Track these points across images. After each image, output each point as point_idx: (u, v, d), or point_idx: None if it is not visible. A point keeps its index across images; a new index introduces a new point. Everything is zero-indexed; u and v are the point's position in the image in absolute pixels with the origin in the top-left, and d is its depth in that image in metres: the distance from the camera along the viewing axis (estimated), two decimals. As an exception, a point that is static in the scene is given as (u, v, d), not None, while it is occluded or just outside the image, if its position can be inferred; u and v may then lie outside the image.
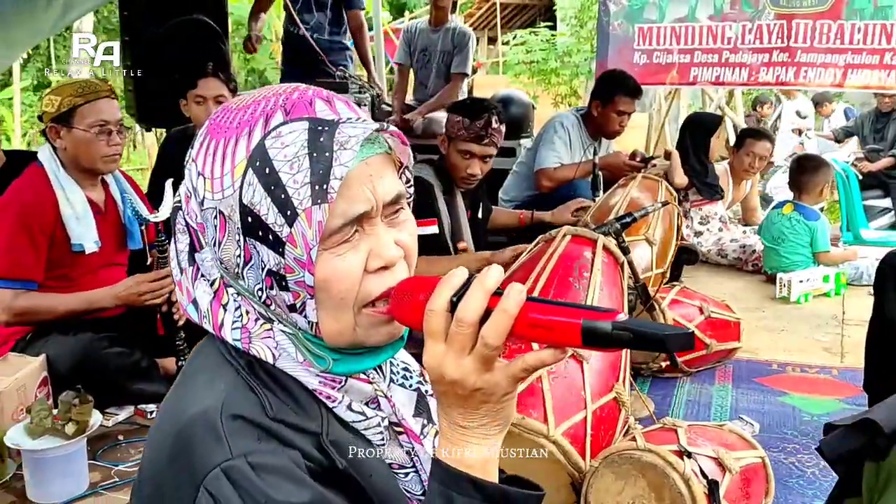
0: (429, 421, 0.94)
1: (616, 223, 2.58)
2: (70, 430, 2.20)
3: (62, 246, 2.71)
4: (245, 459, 0.75)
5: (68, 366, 2.60)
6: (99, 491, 2.25)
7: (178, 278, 0.89)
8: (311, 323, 0.82)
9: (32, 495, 2.21)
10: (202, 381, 0.83)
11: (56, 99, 2.71)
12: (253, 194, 0.78)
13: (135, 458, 2.46)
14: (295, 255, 0.78)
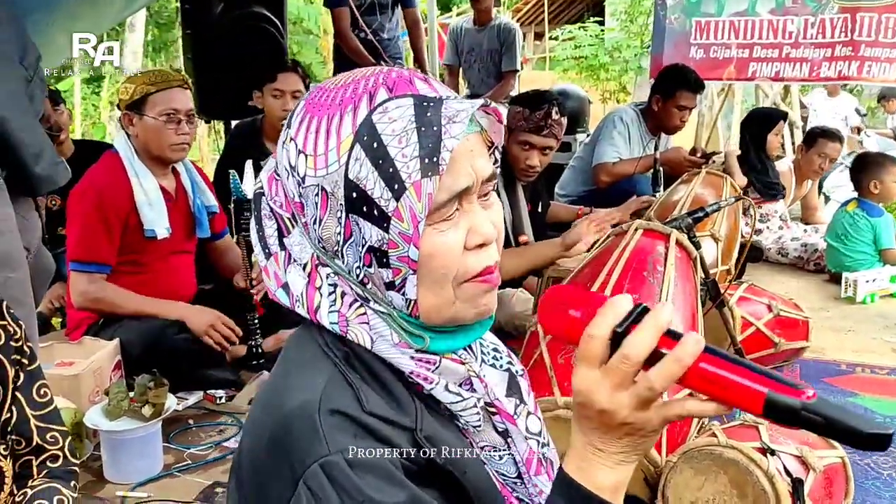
0: (521, 401, 0.94)
1: (688, 218, 2.55)
2: (147, 413, 2.24)
3: (135, 231, 2.77)
4: (342, 456, 0.74)
5: (139, 350, 2.66)
6: (173, 473, 2.29)
7: (263, 264, 0.89)
8: (408, 300, 0.82)
9: (109, 475, 2.26)
10: (301, 374, 0.83)
11: (130, 87, 2.78)
12: (360, 169, 0.78)
13: (205, 441, 2.50)
14: (400, 229, 0.78)
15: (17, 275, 1.93)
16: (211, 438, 2.52)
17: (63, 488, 1.57)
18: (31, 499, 1.51)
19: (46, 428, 1.59)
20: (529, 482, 0.91)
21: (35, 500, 1.50)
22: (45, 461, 1.58)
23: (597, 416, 0.75)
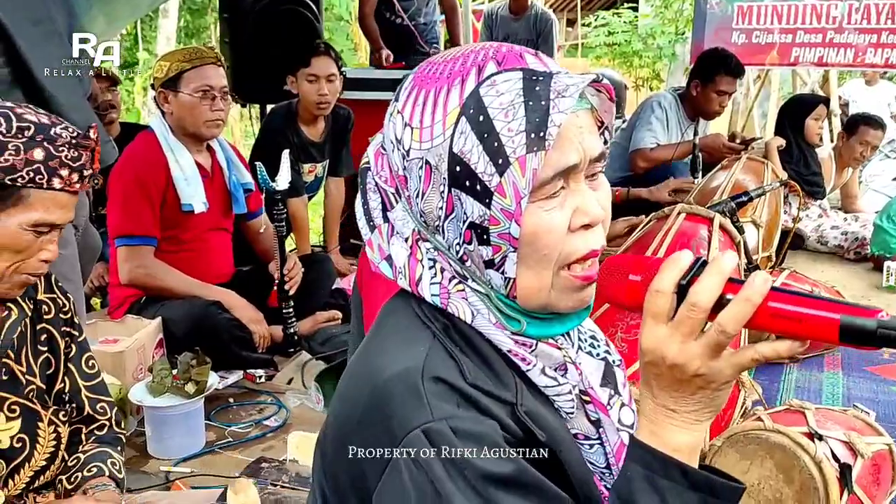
0: (615, 392, 0.92)
1: (731, 202, 2.52)
2: (190, 390, 2.27)
3: (173, 206, 2.81)
4: (447, 423, 0.74)
5: (182, 328, 2.69)
6: (215, 449, 2.32)
7: (367, 236, 0.89)
8: (507, 280, 0.81)
9: (153, 450, 2.30)
10: (400, 342, 0.83)
11: (165, 64, 2.82)
12: (464, 143, 0.77)
13: (245, 419, 2.53)
14: (503, 205, 0.77)
15: (66, 252, 1.96)
16: (251, 417, 2.55)
17: (113, 452, 1.61)
18: (85, 462, 1.55)
19: (96, 398, 1.62)
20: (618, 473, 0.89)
21: (89, 464, 1.54)
22: (93, 430, 1.62)
23: (668, 371, 0.74)
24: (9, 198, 1.30)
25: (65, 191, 1.35)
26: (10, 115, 1.30)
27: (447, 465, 0.72)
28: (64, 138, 1.33)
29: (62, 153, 1.33)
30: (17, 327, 1.44)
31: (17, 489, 1.45)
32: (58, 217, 1.36)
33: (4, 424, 1.43)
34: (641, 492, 0.74)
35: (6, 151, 1.28)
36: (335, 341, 2.98)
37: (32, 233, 1.34)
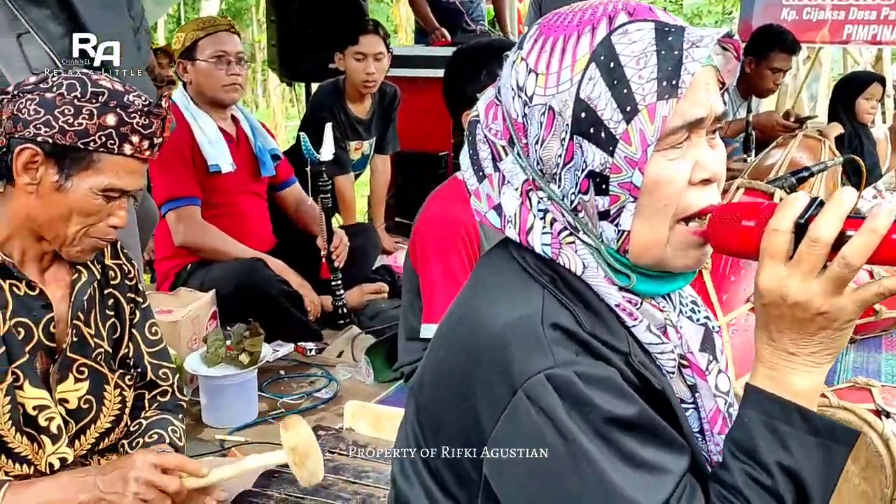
0: (713, 358, 0.91)
1: (791, 177, 2.47)
2: (244, 360, 2.30)
3: (201, 169, 2.86)
4: (571, 369, 0.74)
5: (231, 288, 2.72)
6: (268, 420, 2.35)
7: (475, 187, 0.89)
8: (620, 232, 0.80)
9: (207, 419, 2.33)
10: (510, 292, 0.83)
11: (181, 36, 2.89)
12: (592, 89, 0.77)
13: (297, 391, 2.55)
14: (627, 153, 0.76)
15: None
16: (302, 389, 2.58)
17: (174, 419, 1.62)
18: (147, 428, 1.57)
19: (158, 364, 1.64)
20: (711, 439, 0.89)
21: (151, 430, 1.56)
22: (156, 396, 1.64)
23: (789, 311, 0.73)
24: (81, 162, 1.32)
25: (135, 157, 1.37)
26: (86, 81, 1.31)
27: (570, 409, 0.73)
28: (136, 106, 1.34)
29: (134, 120, 1.34)
30: (86, 290, 1.47)
31: (83, 450, 1.48)
32: (127, 183, 1.37)
33: (73, 385, 1.45)
34: (762, 438, 0.74)
35: (80, 116, 1.29)
36: (384, 316, 3.00)
37: (102, 197, 1.35)
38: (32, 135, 1.29)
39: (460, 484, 0.84)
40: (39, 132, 1.29)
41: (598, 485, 0.73)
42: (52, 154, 1.30)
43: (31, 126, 1.29)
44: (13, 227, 1.37)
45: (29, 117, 1.29)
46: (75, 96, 1.29)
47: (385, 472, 1.52)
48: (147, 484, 1.29)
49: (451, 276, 1.99)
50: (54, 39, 1.82)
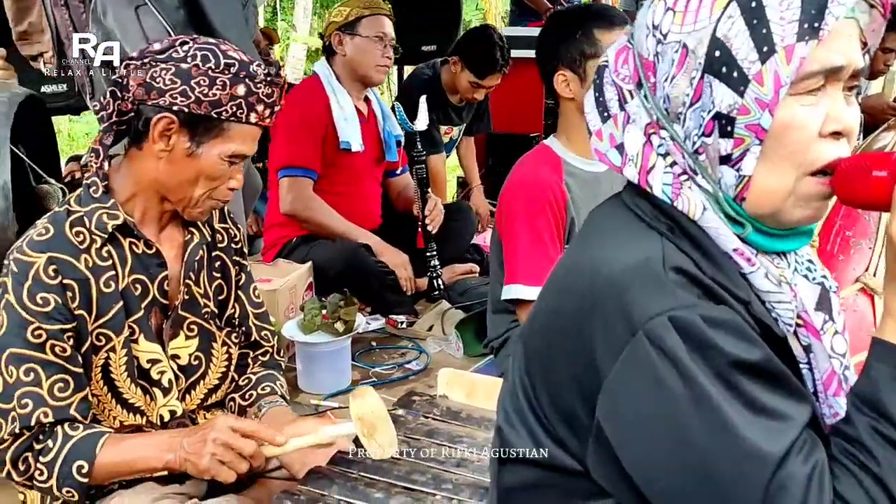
0: (829, 318, 0.88)
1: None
2: (339, 328, 2.36)
3: (332, 143, 2.94)
4: (695, 310, 0.74)
5: (333, 269, 2.81)
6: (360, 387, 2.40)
7: (596, 127, 0.89)
8: (740, 178, 0.79)
9: (303, 385, 2.40)
10: (627, 238, 0.83)
11: (345, 10, 2.99)
12: (730, 27, 0.76)
13: (388, 362, 2.60)
14: (758, 94, 0.76)
15: (232, 188, 2.06)
16: (393, 360, 2.63)
17: (279, 376, 1.69)
18: (258, 382, 1.64)
19: (261, 326, 1.70)
20: (825, 401, 0.87)
21: (262, 383, 1.63)
22: (258, 356, 1.71)
23: None
24: (212, 130, 1.38)
25: (258, 125, 1.42)
26: (217, 52, 1.37)
27: (693, 351, 0.72)
28: (261, 76, 1.39)
29: (260, 90, 1.39)
30: (197, 251, 1.53)
31: (193, 404, 1.55)
32: (249, 148, 1.44)
33: (184, 342, 1.52)
34: (888, 392, 0.72)
35: (214, 86, 1.35)
36: (473, 292, 3.02)
37: (227, 163, 1.41)
38: (168, 104, 1.35)
39: (570, 428, 0.84)
40: (176, 101, 1.35)
41: (720, 429, 0.72)
42: (186, 122, 1.36)
43: (168, 95, 1.35)
44: (138, 188, 1.44)
45: (165, 86, 1.35)
46: (209, 67, 1.35)
47: (478, 439, 1.54)
48: (224, 445, 1.33)
49: (537, 238, 1.98)
50: (169, 11, 1.90)
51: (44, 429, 1.34)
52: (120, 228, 1.41)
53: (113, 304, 1.41)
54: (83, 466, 1.32)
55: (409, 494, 1.37)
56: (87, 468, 1.32)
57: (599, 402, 0.79)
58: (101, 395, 1.44)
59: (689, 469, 0.74)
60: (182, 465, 1.35)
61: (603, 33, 1.96)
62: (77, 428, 1.36)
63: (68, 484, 1.33)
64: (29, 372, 1.33)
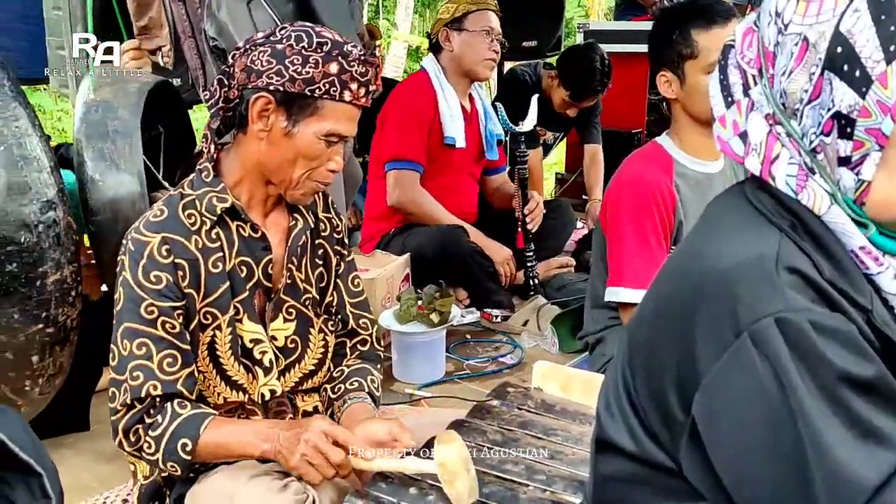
0: None
1: None
2: (435, 319, 2.38)
3: (436, 138, 2.97)
4: (805, 315, 0.70)
5: (429, 251, 2.84)
6: (454, 379, 2.42)
7: (720, 113, 0.85)
8: (859, 182, 0.75)
9: (398, 374, 2.44)
10: (745, 233, 0.79)
11: (452, 6, 3.03)
12: (855, 22, 0.71)
13: (482, 355, 2.61)
14: (881, 96, 0.70)
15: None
16: (487, 353, 2.63)
17: (373, 369, 1.70)
18: (348, 376, 1.65)
19: (360, 314, 1.72)
20: None
21: (351, 378, 1.65)
22: (356, 344, 1.72)
23: None
24: (307, 108, 1.41)
25: (353, 103, 1.44)
26: (311, 32, 1.40)
27: (798, 359, 0.69)
28: (354, 55, 1.41)
29: (353, 68, 1.41)
30: (301, 237, 1.57)
31: (288, 386, 1.59)
32: (345, 129, 1.45)
33: (283, 325, 1.56)
34: None
35: (307, 64, 1.38)
36: (570, 288, 3.00)
37: (324, 142, 1.44)
38: (265, 84, 1.39)
39: (665, 423, 0.82)
40: (272, 81, 1.39)
41: (813, 447, 0.68)
42: (282, 101, 1.40)
43: (264, 76, 1.39)
44: (244, 172, 1.49)
45: (262, 68, 1.39)
46: (303, 46, 1.38)
47: (573, 432, 1.52)
48: (314, 448, 1.36)
49: (643, 240, 1.94)
50: (279, 5, 1.96)
51: (154, 403, 1.40)
52: (228, 211, 1.46)
53: (220, 284, 1.46)
54: (187, 444, 1.38)
55: (501, 484, 1.37)
56: (190, 446, 1.38)
57: (696, 400, 0.77)
58: (206, 373, 1.49)
59: (778, 483, 0.71)
60: (276, 456, 1.39)
61: (700, 33, 1.89)
62: (185, 406, 1.41)
63: (173, 459, 1.39)
64: (141, 346, 1.39)
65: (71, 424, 2.11)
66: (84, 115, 1.82)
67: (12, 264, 1.34)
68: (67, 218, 1.40)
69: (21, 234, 1.34)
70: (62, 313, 1.40)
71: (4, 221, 1.34)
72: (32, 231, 1.35)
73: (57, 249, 1.38)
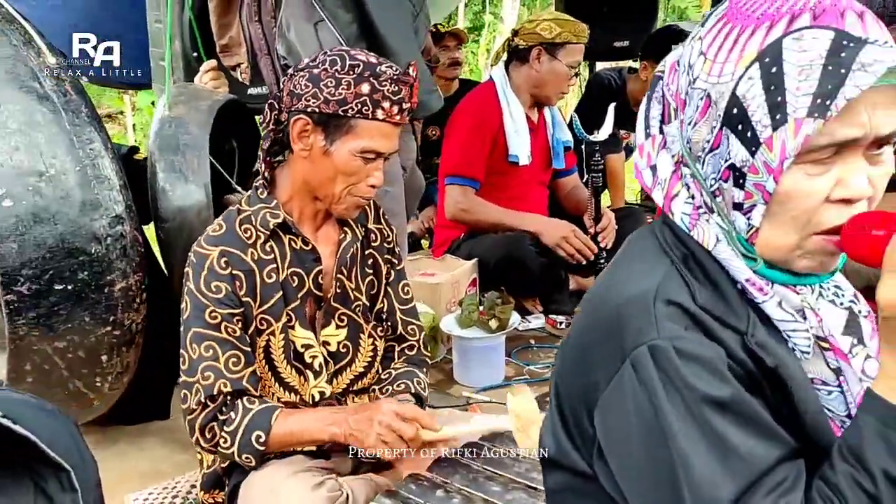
0: (859, 342, 0.87)
1: None
2: (493, 325, 2.45)
3: (500, 154, 3.02)
4: (671, 343, 0.77)
5: (493, 258, 2.89)
6: (513, 384, 2.47)
7: (641, 142, 0.93)
8: (750, 226, 0.81)
9: (458, 377, 2.53)
10: (641, 267, 0.88)
11: (556, 29, 2.98)
12: (749, 88, 0.77)
13: (544, 360, 2.65)
14: (766, 158, 0.76)
15: (394, 189, 2.21)
16: (549, 359, 2.67)
17: (419, 372, 1.79)
18: (395, 378, 1.75)
19: (408, 321, 1.81)
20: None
21: (399, 380, 1.74)
22: (404, 349, 1.82)
23: None
24: (341, 127, 1.51)
25: (387, 121, 1.53)
26: (345, 56, 1.50)
27: (666, 382, 0.77)
28: (387, 75, 1.50)
29: (385, 87, 1.50)
30: (350, 249, 1.67)
31: (339, 388, 1.69)
32: (381, 145, 1.54)
33: (334, 331, 1.67)
34: (872, 444, 0.73)
35: (340, 86, 1.48)
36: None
37: (361, 159, 1.53)
38: (304, 106, 1.50)
39: (583, 439, 0.90)
40: (309, 103, 1.49)
41: (681, 465, 0.76)
42: (319, 122, 1.51)
43: (303, 99, 1.50)
44: (294, 189, 1.60)
45: (301, 91, 1.50)
46: (336, 69, 1.48)
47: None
48: (388, 427, 1.47)
49: None
50: (344, 26, 2.07)
51: (225, 400, 1.53)
52: (280, 226, 1.58)
53: (273, 294, 1.58)
54: (261, 436, 1.51)
55: (526, 491, 1.43)
56: (263, 437, 1.51)
57: (595, 419, 0.86)
58: (263, 375, 1.61)
59: (657, 497, 0.79)
60: (347, 439, 1.51)
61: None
62: (254, 402, 1.54)
63: (248, 451, 1.51)
64: (209, 349, 1.53)
65: (153, 413, 2.30)
66: (159, 129, 1.98)
67: (84, 272, 1.50)
68: (134, 231, 1.55)
69: (92, 245, 1.50)
70: (128, 318, 1.56)
71: (77, 234, 1.50)
72: (102, 243, 1.51)
73: (123, 260, 1.54)
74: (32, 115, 1.51)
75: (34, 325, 1.51)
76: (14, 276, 1.48)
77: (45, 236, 1.50)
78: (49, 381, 1.60)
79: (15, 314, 1.49)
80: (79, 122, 1.52)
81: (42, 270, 1.49)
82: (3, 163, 1.49)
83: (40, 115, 1.51)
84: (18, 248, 1.47)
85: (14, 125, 1.49)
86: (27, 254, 1.48)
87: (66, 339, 1.55)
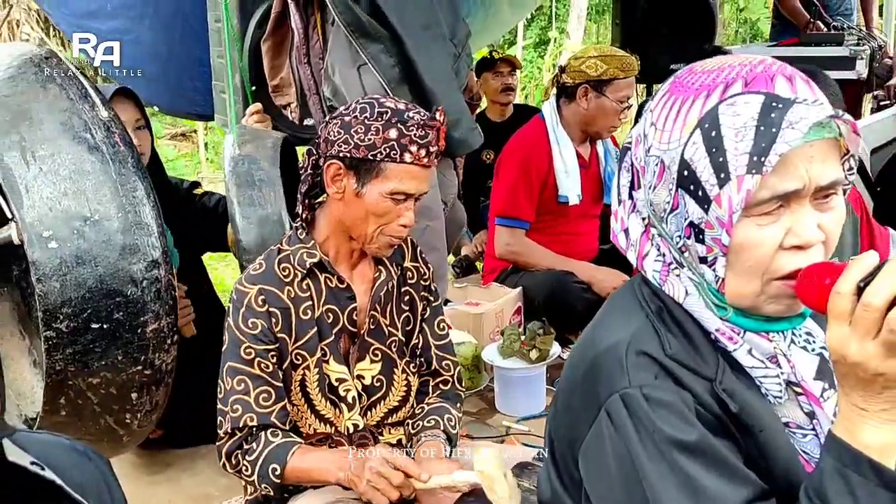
0: (830, 386, 0.92)
1: None
2: (533, 356, 2.48)
3: (550, 194, 3.05)
4: (640, 390, 0.84)
5: (539, 295, 2.94)
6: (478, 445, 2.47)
7: (615, 208, 1.00)
8: (717, 277, 0.87)
9: (499, 406, 2.56)
10: (618, 319, 0.95)
11: (602, 66, 2.95)
12: (695, 152, 0.84)
13: (585, 391, 2.66)
14: (718, 214, 0.83)
15: (434, 224, 2.27)
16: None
17: (451, 408, 1.84)
18: (427, 413, 1.80)
19: (443, 356, 1.86)
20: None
21: (430, 415, 1.79)
22: (438, 384, 1.87)
23: (851, 371, 0.75)
24: (371, 170, 1.58)
25: (414, 164, 1.59)
26: (374, 104, 1.59)
27: (639, 427, 0.83)
28: (414, 120, 1.57)
29: (412, 132, 1.57)
30: (384, 286, 1.74)
31: (374, 421, 1.76)
32: (410, 187, 1.61)
33: (368, 365, 1.74)
34: (832, 483, 0.77)
35: (370, 132, 1.56)
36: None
37: (391, 200, 1.60)
38: (336, 151, 1.59)
39: (573, 483, 0.96)
40: (341, 149, 1.58)
41: (654, 501, 0.81)
42: (350, 166, 1.59)
43: (336, 145, 1.59)
44: (330, 230, 1.69)
45: (333, 137, 1.59)
46: (366, 116, 1.57)
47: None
48: (377, 474, 1.52)
49: None
50: (386, 69, 2.14)
51: (251, 432, 1.62)
52: (317, 265, 1.66)
53: (309, 330, 1.66)
54: (276, 469, 1.58)
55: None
56: (279, 471, 1.58)
57: (579, 464, 0.92)
58: (299, 406, 1.69)
59: None
60: (348, 482, 1.58)
61: None
62: (277, 435, 1.62)
63: (265, 481, 1.60)
64: (241, 382, 1.62)
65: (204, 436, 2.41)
66: (233, 168, 2.12)
67: (119, 313, 1.60)
68: (168, 276, 1.65)
69: (128, 288, 1.60)
70: (158, 358, 1.65)
71: (116, 277, 1.59)
72: (138, 286, 1.61)
73: (157, 303, 1.63)
74: (82, 163, 1.61)
75: (70, 360, 1.61)
76: (55, 314, 1.57)
77: (86, 277, 1.59)
78: (81, 415, 1.69)
79: (53, 350, 1.59)
80: (125, 172, 1.63)
81: (81, 309, 1.58)
82: (52, 207, 1.59)
83: (89, 164, 1.61)
84: (60, 287, 1.57)
85: (65, 172, 1.60)
86: (68, 293, 1.58)
87: (100, 375, 1.64)
